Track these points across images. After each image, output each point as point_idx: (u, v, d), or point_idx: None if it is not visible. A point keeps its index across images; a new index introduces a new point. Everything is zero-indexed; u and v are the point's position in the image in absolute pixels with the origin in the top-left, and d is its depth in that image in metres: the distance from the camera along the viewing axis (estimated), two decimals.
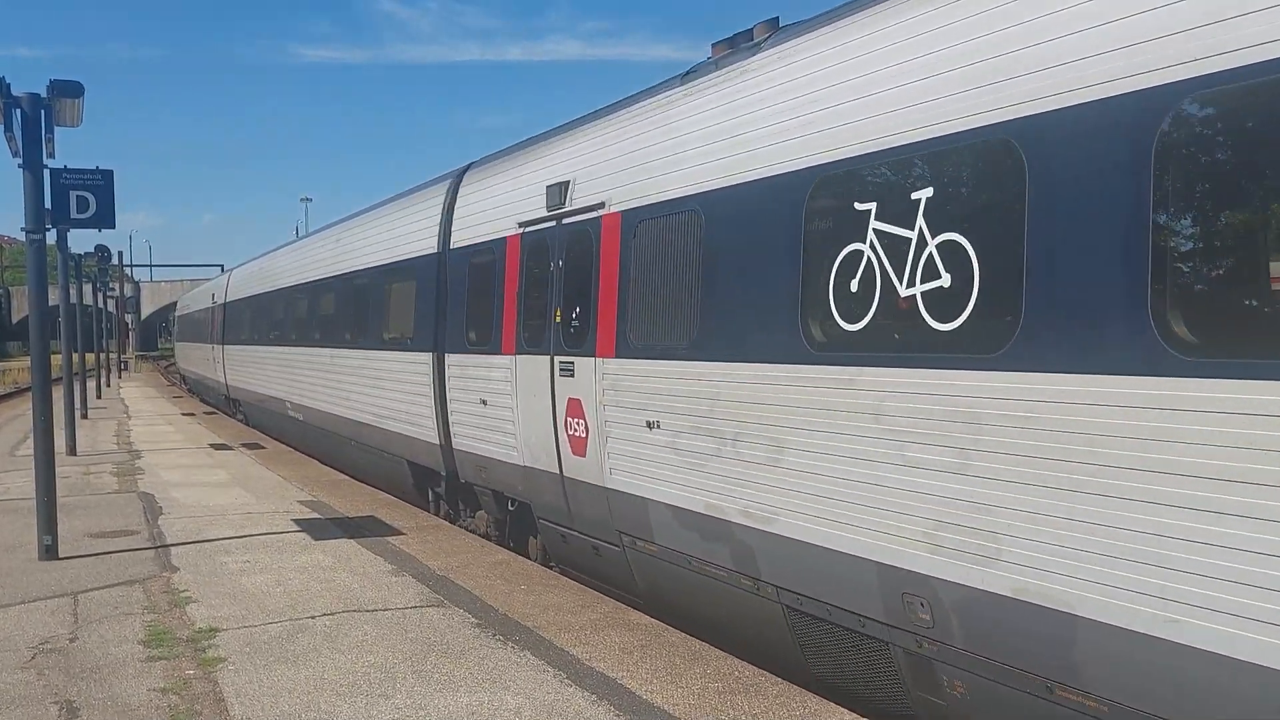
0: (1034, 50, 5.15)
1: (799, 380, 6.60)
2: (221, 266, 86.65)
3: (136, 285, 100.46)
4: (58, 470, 11.21)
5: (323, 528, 12.21)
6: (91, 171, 11.80)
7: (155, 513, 13.41)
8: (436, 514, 13.76)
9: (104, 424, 27.19)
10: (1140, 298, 4.54)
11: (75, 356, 28.01)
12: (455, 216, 12.45)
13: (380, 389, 14.79)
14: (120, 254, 59.37)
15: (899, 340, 5.99)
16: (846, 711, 6.40)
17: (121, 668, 7.24)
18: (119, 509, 13.74)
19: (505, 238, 10.80)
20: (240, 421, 28.19)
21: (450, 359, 12.18)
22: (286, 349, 21.49)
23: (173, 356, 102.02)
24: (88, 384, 32.21)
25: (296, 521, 12.62)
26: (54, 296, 21.15)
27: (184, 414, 31.24)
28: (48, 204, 10.87)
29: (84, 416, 27.82)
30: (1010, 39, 5.30)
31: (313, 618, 8.39)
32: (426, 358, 12.82)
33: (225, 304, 30.81)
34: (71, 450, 20.02)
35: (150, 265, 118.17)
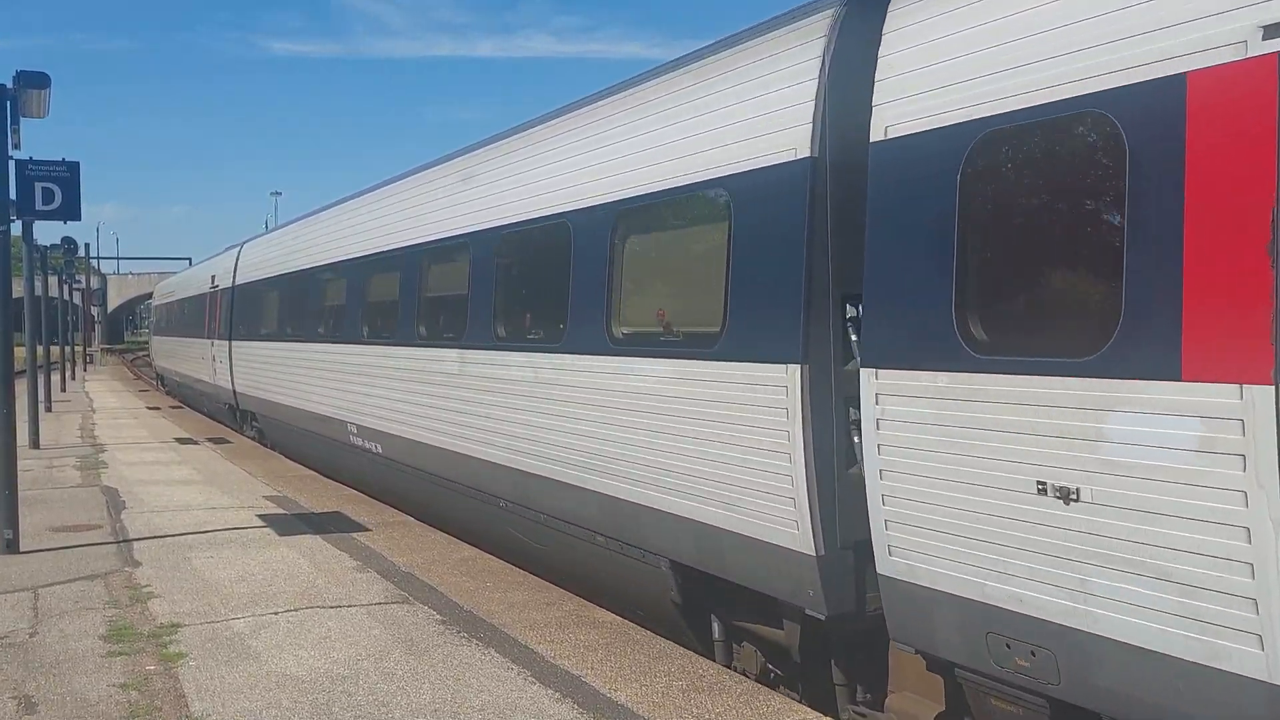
0: None
1: None
2: (189, 260, 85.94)
3: (103, 278, 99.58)
4: (20, 464, 11.11)
5: (288, 523, 12.15)
6: (58, 163, 11.72)
7: (119, 507, 13.30)
8: (729, 664, 7.73)
9: (68, 417, 26.93)
10: None
11: (40, 349, 27.73)
12: (893, 68, 5.88)
13: (601, 424, 8.31)
14: (86, 246, 58.82)
15: None
16: (809, 710, 6.44)
17: (81, 663, 7.18)
18: (82, 503, 13.61)
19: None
20: (252, 439, 22.25)
21: (893, 382, 5.74)
22: (354, 349, 14.36)
23: (142, 350, 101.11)
24: (52, 377, 31.88)
25: (262, 517, 12.55)
26: (19, 288, 20.92)
27: (149, 408, 30.97)
28: (13, 195, 10.76)
29: (48, 410, 27.55)
30: None
31: (276, 614, 8.36)
32: (773, 374, 6.50)
33: (235, 288, 23.31)
34: (34, 444, 19.81)
35: (118, 258, 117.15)
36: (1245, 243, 4.13)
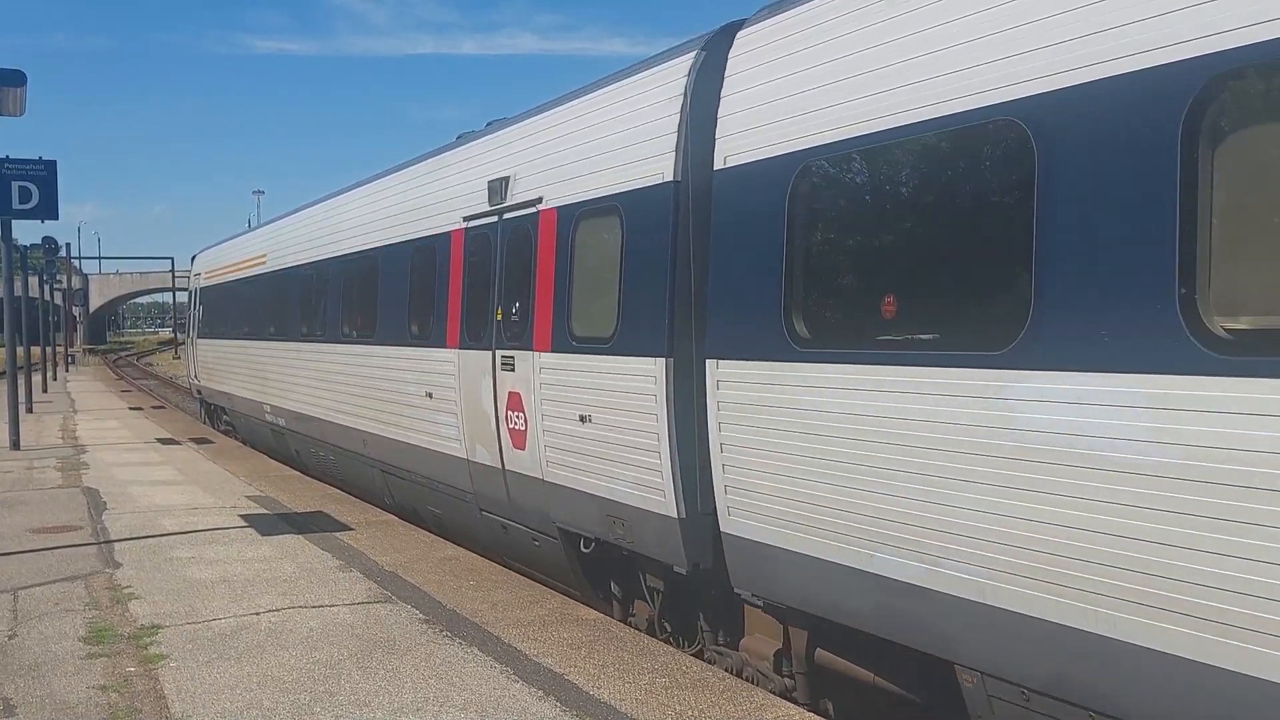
0: None
1: None
2: (172, 260, 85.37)
3: (84, 278, 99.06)
4: (0, 465, 11.03)
5: (270, 523, 12.10)
6: (34, 162, 11.64)
7: (100, 508, 13.22)
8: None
9: (49, 418, 26.76)
10: None
11: (20, 350, 27.56)
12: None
13: None
14: (68, 246, 58.44)
15: None
16: (792, 706, 6.45)
17: (61, 665, 7.13)
18: (63, 504, 13.53)
19: None
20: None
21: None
22: None
23: (125, 351, 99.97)
24: (33, 378, 31.69)
25: (244, 517, 12.49)
26: None
27: (131, 408, 30.80)
28: None
29: (29, 410, 27.37)
30: None
31: (258, 614, 8.32)
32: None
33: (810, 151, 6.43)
34: (15, 445, 19.64)
35: (99, 258, 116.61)
36: None
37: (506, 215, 9.81)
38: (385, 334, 12.77)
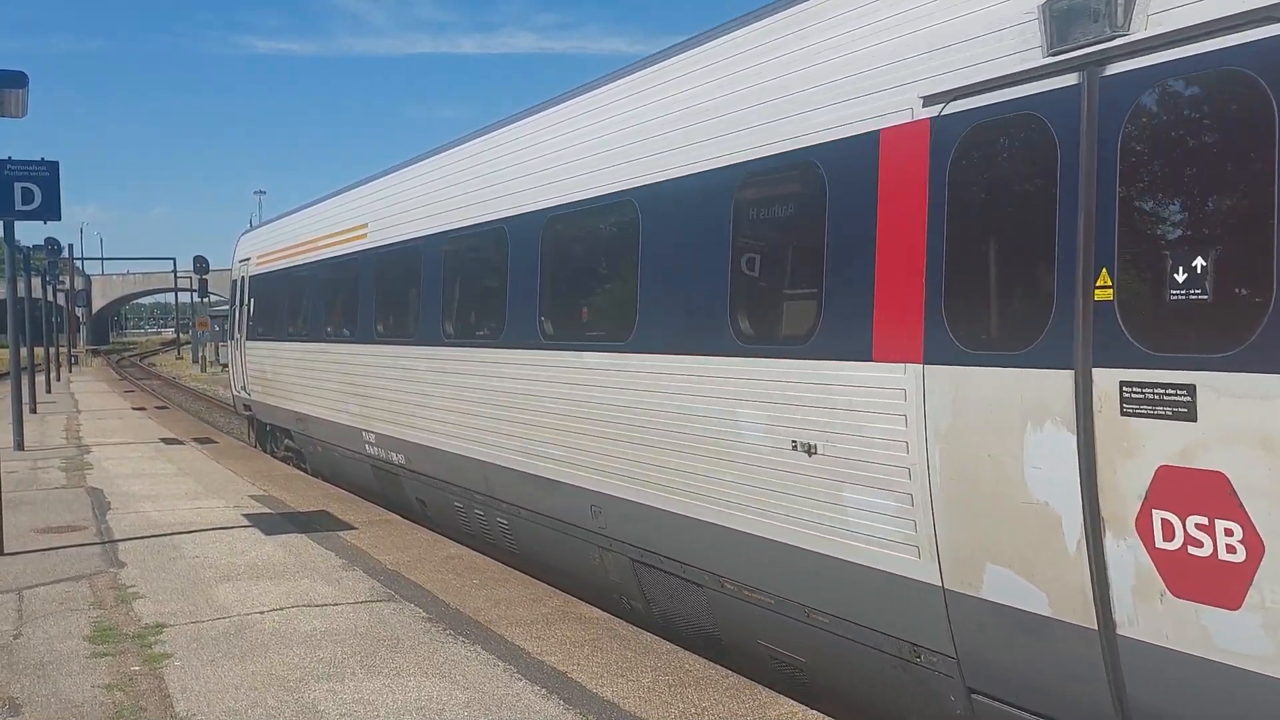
0: None
1: None
2: (174, 260, 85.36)
3: (87, 279, 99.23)
4: (4, 466, 11.08)
5: (274, 523, 12.12)
6: (36, 163, 11.65)
7: (104, 508, 13.25)
8: None
9: (53, 419, 26.80)
10: None
11: (24, 351, 27.59)
12: None
13: None
14: (70, 247, 58.46)
15: None
16: (796, 703, 6.46)
17: (66, 664, 7.15)
18: (67, 504, 13.55)
19: None
20: None
21: None
22: None
23: (128, 351, 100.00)
24: (36, 378, 31.72)
25: (247, 516, 12.51)
26: (1, 290, 20.81)
27: (134, 409, 30.84)
28: None
29: (32, 411, 27.43)
30: None
31: (261, 613, 8.34)
32: None
33: None
34: (19, 445, 19.70)
35: (102, 258, 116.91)
36: None
37: (1132, 63, 4.55)
38: (654, 335, 7.76)
